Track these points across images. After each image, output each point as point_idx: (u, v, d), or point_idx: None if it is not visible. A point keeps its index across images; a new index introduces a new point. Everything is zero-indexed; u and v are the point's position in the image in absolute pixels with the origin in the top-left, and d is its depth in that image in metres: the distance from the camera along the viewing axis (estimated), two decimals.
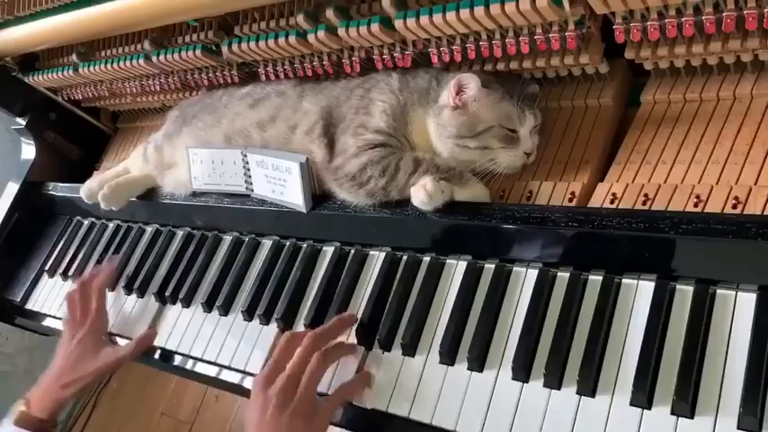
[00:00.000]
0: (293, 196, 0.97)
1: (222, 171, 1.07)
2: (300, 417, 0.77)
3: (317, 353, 0.82)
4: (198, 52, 1.10)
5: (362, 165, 0.89)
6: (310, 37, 0.94)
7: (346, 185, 0.91)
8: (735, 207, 0.70)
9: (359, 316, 0.88)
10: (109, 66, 1.25)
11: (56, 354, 1.09)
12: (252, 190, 1.05)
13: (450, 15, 0.80)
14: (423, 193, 0.82)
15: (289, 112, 1.00)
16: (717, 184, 0.74)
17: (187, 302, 1.08)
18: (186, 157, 1.12)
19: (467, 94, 0.85)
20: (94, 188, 1.25)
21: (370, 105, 0.93)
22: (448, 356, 0.79)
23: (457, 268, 0.85)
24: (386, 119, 0.90)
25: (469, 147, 0.86)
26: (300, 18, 0.94)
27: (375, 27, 0.87)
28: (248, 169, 1.03)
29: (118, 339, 1.13)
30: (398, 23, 0.84)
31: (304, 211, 0.96)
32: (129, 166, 1.27)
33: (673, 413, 0.64)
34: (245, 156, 1.02)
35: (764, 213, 0.68)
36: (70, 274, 1.32)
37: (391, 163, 0.87)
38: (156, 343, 1.08)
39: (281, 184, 0.98)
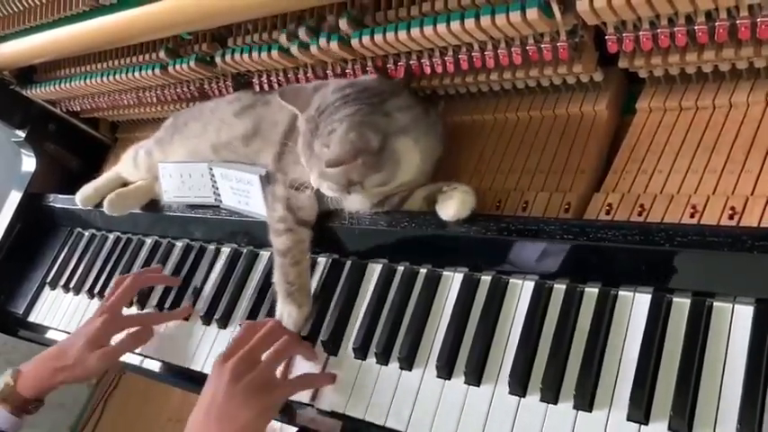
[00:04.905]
0: (257, 207, 1.00)
1: (191, 184, 1.10)
2: (254, 388, 0.80)
3: (286, 338, 0.87)
4: (192, 63, 1.10)
5: (280, 197, 0.94)
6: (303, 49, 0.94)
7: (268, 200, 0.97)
8: (731, 218, 0.69)
9: (356, 329, 0.88)
10: (104, 78, 1.25)
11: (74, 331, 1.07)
12: (221, 201, 1.07)
13: (441, 28, 0.79)
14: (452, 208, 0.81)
15: (267, 126, 1.00)
16: (713, 194, 0.73)
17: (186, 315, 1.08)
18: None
19: None
20: (89, 194, 1.27)
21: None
22: (445, 370, 0.78)
23: (453, 280, 0.84)
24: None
25: None
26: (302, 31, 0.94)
27: (379, 37, 0.86)
28: (215, 181, 1.06)
29: None
30: (390, 36, 0.84)
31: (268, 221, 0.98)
32: (119, 170, 1.28)
33: (670, 428, 0.64)
34: (211, 169, 1.05)
35: (761, 224, 0.67)
36: (71, 286, 1.32)
37: (287, 227, 0.92)
38: (157, 356, 1.08)
39: (245, 196, 1.01)
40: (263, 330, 0.86)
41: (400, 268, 0.90)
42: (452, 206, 0.81)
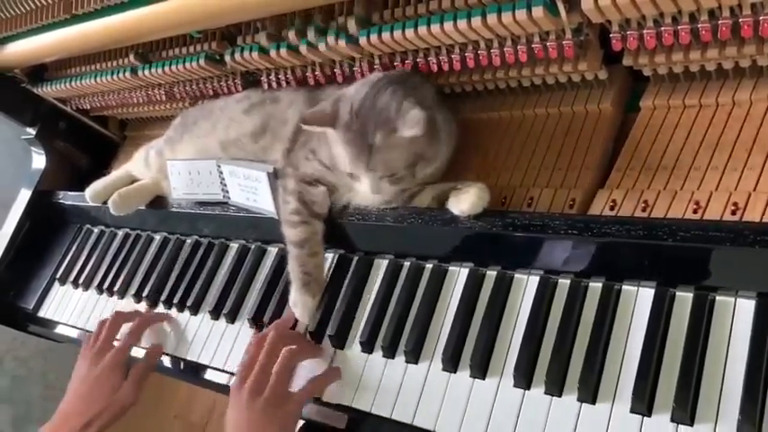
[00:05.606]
0: (265, 203, 1.02)
1: (200, 181, 1.12)
2: (273, 404, 0.84)
3: (287, 348, 0.89)
4: (201, 62, 1.11)
5: (291, 191, 0.94)
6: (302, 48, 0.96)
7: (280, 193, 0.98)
8: (734, 213, 0.70)
9: (363, 323, 0.89)
10: (114, 76, 1.26)
11: (70, 385, 1.06)
12: (229, 197, 1.09)
13: (448, 26, 0.80)
14: (467, 203, 0.82)
15: (277, 123, 1.02)
16: (716, 190, 0.74)
17: (195, 310, 1.10)
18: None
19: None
20: (99, 190, 1.29)
21: None
22: (450, 364, 0.79)
23: (459, 275, 0.86)
24: (327, 151, 0.92)
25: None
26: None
27: (386, 35, 0.87)
28: (223, 178, 1.07)
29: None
30: (397, 34, 0.85)
31: (276, 217, 0.99)
32: (130, 169, 1.29)
33: (672, 420, 0.65)
34: (220, 166, 1.07)
35: (763, 219, 0.68)
36: (81, 282, 1.34)
37: (301, 220, 0.93)
38: (165, 350, 1.10)
39: (253, 192, 1.03)
40: (266, 346, 0.88)
41: (406, 263, 0.91)
42: (467, 201, 0.81)
